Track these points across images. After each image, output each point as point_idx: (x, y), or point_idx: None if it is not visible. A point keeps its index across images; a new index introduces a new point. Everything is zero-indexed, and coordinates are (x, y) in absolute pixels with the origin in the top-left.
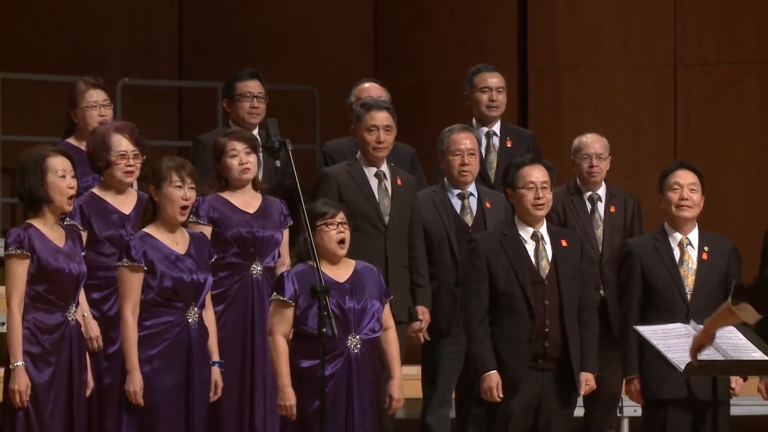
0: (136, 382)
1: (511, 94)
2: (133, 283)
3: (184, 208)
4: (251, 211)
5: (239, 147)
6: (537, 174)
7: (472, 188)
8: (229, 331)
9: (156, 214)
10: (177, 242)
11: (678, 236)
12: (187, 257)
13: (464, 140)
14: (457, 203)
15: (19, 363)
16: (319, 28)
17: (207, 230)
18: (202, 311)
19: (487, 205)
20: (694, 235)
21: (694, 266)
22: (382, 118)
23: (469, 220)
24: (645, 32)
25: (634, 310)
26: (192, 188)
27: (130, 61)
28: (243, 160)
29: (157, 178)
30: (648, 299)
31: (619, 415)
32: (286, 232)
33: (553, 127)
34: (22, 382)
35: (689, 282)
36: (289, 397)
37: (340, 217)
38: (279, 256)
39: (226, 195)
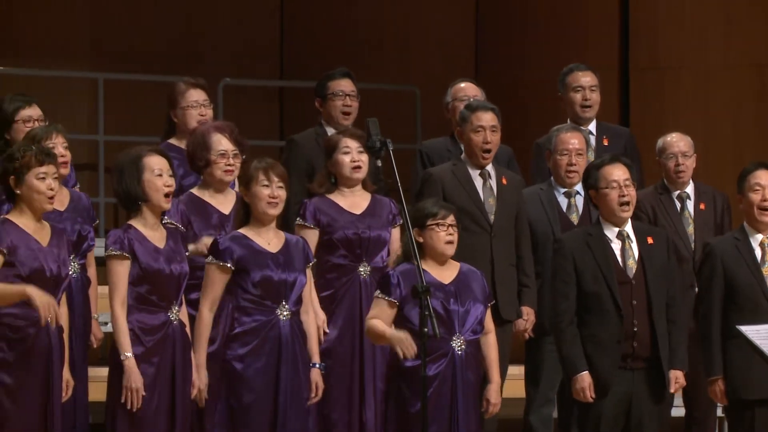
0: (202, 380)
1: (612, 95)
2: (215, 281)
3: (271, 204)
4: (358, 211)
5: (352, 145)
6: (618, 172)
7: (578, 187)
8: (338, 332)
9: (249, 215)
10: (269, 242)
11: (759, 236)
12: (278, 255)
13: (572, 140)
14: (563, 201)
15: (129, 354)
16: (419, 27)
17: (314, 233)
18: (300, 312)
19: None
20: None
21: None
22: (488, 119)
23: (575, 218)
24: (747, 32)
25: (716, 310)
26: (280, 187)
27: (231, 61)
28: (355, 158)
29: (246, 178)
30: (730, 299)
31: (720, 415)
32: (395, 231)
33: (654, 127)
34: (137, 379)
35: None
36: (399, 336)
37: (451, 219)
38: (388, 255)
39: (334, 196)
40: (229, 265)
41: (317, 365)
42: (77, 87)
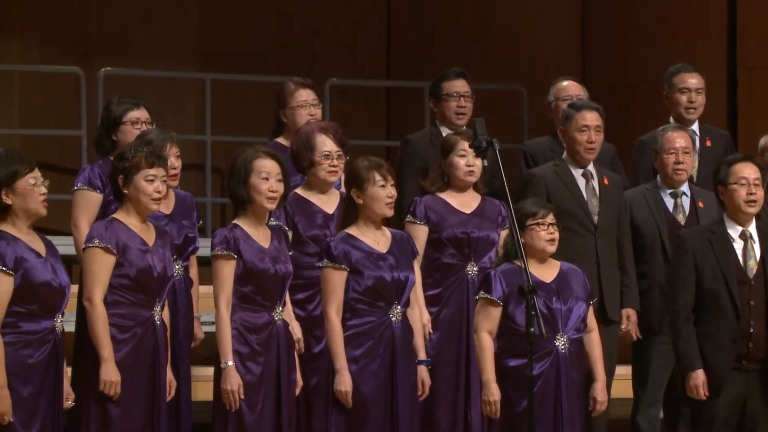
0: (346, 382)
1: (720, 94)
2: (336, 284)
3: (389, 205)
4: (468, 211)
5: (469, 148)
6: (749, 171)
7: (685, 187)
8: (445, 332)
9: (358, 214)
10: (378, 241)
11: None
12: (389, 256)
13: (678, 139)
14: (669, 202)
15: (230, 362)
16: (526, 27)
17: (423, 230)
18: (407, 310)
19: (700, 204)
20: None
21: None
22: (592, 118)
23: (681, 219)
24: None
25: None
26: (393, 185)
27: (338, 61)
28: (470, 162)
29: (359, 180)
30: None
31: None
32: (504, 233)
33: (763, 127)
34: (234, 382)
35: None
36: (493, 393)
37: (551, 218)
38: (496, 256)
39: (445, 195)
40: (344, 266)
41: (423, 362)
42: (185, 88)
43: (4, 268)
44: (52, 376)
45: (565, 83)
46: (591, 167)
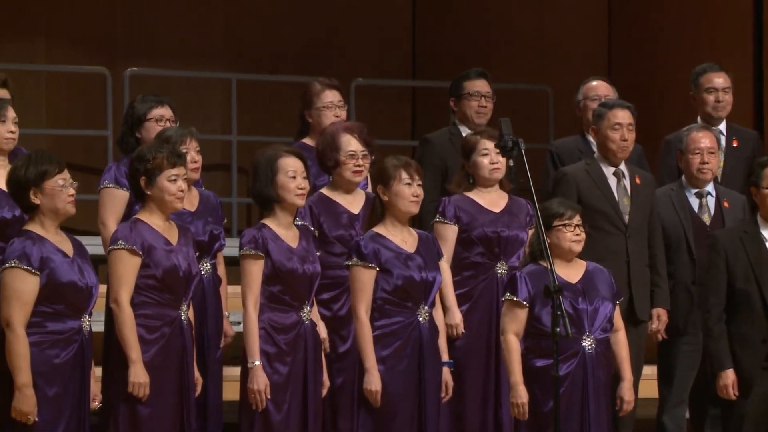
0: (375, 382)
1: (747, 93)
2: (366, 282)
3: (413, 203)
4: (497, 210)
5: (490, 146)
6: None
7: (710, 187)
8: (474, 331)
9: (384, 213)
10: (406, 241)
11: None
12: (416, 256)
13: (703, 139)
14: (694, 202)
15: (257, 362)
16: (552, 26)
17: (453, 230)
18: (432, 310)
19: (725, 204)
20: None
21: None
22: (624, 116)
23: (707, 219)
24: None
25: None
26: (420, 185)
27: (363, 61)
28: (494, 159)
29: (385, 177)
30: None
31: None
32: (531, 233)
33: None
34: (260, 382)
35: None
36: (521, 395)
37: (577, 219)
38: (523, 256)
39: (473, 194)
40: (374, 265)
41: (446, 364)
42: (211, 87)
43: (29, 268)
44: (78, 377)
45: (594, 83)
46: (623, 166)
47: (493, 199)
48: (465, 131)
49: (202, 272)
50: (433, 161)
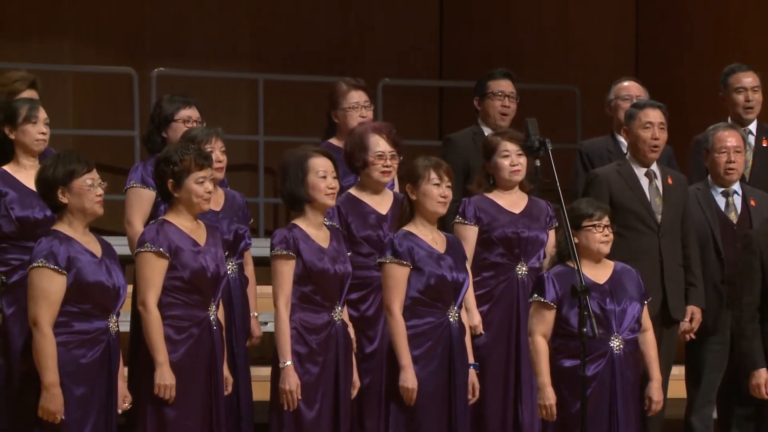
0: (411, 379)
1: None
2: (399, 279)
3: (441, 203)
4: (517, 211)
5: (511, 148)
6: None
7: (736, 186)
8: (495, 332)
9: (413, 213)
10: (436, 241)
11: None
12: (447, 256)
13: (729, 138)
14: (721, 201)
15: (288, 362)
16: (580, 26)
17: (473, 231)
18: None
19: (752, 203)
20: None
21: None
22: (656, 116)
23: (733, 217)
24: None
25: None
26: (449, 186)
27: (390, 61)
28: (514, 161)
29: (414, 176)
30: None
31: None
32: (551, 234)
33: None
34: (292, 382)
35: None
36: (549, 396)
37: (606, 219)
38: (544, 257)
39: (492, 195)
40: (407, 263)
41: (472, 366)
42: (238, 88)
43: (56, 267)
44: (106, 377)
45: (626, 83)
46: (654, 167)
47: (513, 200)
48: (488, 131)
49: (229, 272)
50: (455, 161)
